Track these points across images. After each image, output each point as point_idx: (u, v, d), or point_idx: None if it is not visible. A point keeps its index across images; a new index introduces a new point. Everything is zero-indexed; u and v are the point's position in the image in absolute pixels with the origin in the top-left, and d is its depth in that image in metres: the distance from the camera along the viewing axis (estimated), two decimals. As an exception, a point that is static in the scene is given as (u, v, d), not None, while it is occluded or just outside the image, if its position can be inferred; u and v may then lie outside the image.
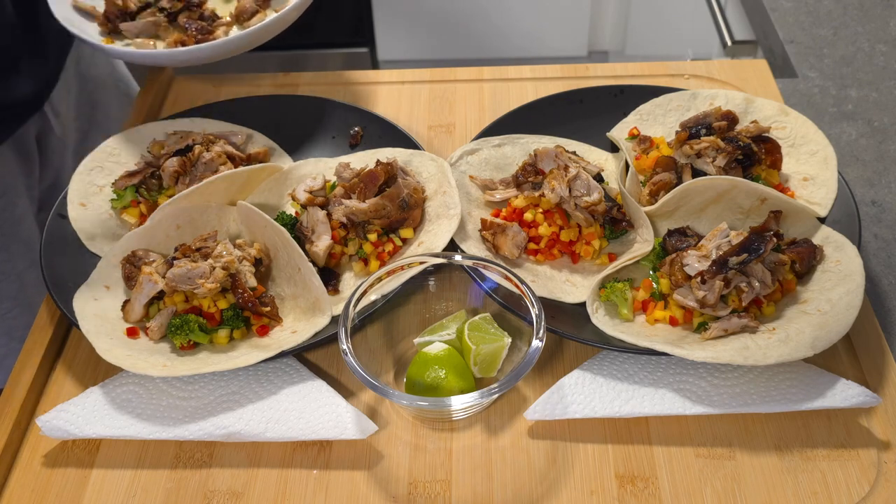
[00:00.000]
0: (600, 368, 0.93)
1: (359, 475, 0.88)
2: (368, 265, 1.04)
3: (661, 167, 1.08)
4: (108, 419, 0.91)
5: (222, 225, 1.08)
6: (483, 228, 1.06)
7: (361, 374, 0.85)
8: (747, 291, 0.93)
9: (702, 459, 0.88)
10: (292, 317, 1.00)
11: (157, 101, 1.33)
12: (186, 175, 1.09)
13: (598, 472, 0.87)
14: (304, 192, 1.07)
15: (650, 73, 1.33)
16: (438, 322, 0.97)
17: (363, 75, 1.37)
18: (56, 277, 1.01)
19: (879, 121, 1.29)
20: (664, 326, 0.96)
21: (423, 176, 1.10)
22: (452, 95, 1.32)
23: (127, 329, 0.97)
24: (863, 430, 0.89)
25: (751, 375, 0.92)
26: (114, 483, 0.88)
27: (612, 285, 0.98)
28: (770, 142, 1.08)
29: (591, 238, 1.04)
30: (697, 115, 1.12)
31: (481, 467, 0.88)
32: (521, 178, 1.08)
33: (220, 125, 1.22)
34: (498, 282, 0.95)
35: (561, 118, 1.20)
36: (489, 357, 0.93)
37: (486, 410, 0.93)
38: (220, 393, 0.93)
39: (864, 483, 0.85)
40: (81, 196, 1.11)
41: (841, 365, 0.95)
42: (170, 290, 0.96)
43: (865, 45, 1.43)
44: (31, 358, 0.98)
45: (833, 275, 0.96)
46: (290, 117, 1.23)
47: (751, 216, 1.04)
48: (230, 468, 0.89)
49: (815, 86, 1.35)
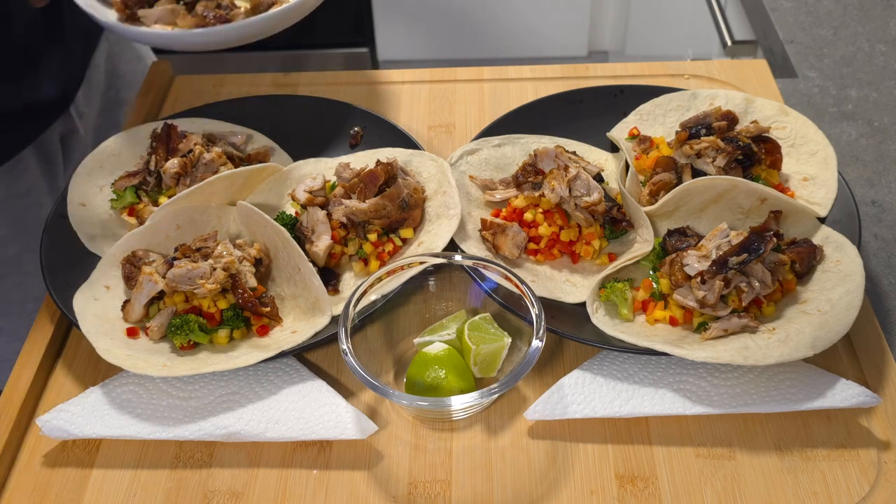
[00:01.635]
0: (600, 368, 0.93)
1: (359, 475, 0.88)
2: (368, 265, 1.04)
3: (661, 167, 1.08)
4: (108, 419, 0.91)
5: (222, 225, 1.08)
6: (483, 228, 1.06)
7: (361, 374, 0.85)
8: (747, 291, 0.93)
9: (702, 459, 0.88)
10: (292, 317, 1.00)
11: (157, 101, 1.33)
12: (187, 176, 1.09)
13: (598, 472, 0.87)
14: (304, 192, 1.07)
15: (650, 73, 1.33)
16: (438, 322, 0.97)
17: (363, 75, 1.37)
18: (56, 278, 1.01)
19: (879, 121, 1.29)
20: (664, 326, 0.96)
21: (423, 176, 1.10)
22: (452, 95, 1.32)
23: (127, 329, 0.97)
24: (863, 430, 0.89)
25: (751, 375, 0.92)
26: (114, 483, 0.88)
27: (612, 285, 0.98)
28: (770, 142, 1.08)
29: (591, 238, 1.04)
30: (697, 115, 1.12)
31: (481, 467, 0.88)
32: (521, 178, 1.08)
33: (220, 125, 1.22)
34: (498, 282, 0.95)
35: (561, 118, 1.20)
36: (489, 357, 0.93)
37: (486, 410, 0.93)
38: (220, 393, 0.93)
39: (864, 483, 0.85)
40: (81, 196, 1.11)
41: (841, 365, 0.95)
42: (170, 290, 0.96)
43: (865, 45, 1.43)
44: (31, 358, 0.98)
45: (833, 275, 0.96)
46: (290, 117, 1.23)
47: (751, 216, 1.04)
48: (230, 468, 0.89)
49: (815, 86, 1.35)
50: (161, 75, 1.36)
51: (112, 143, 1.18)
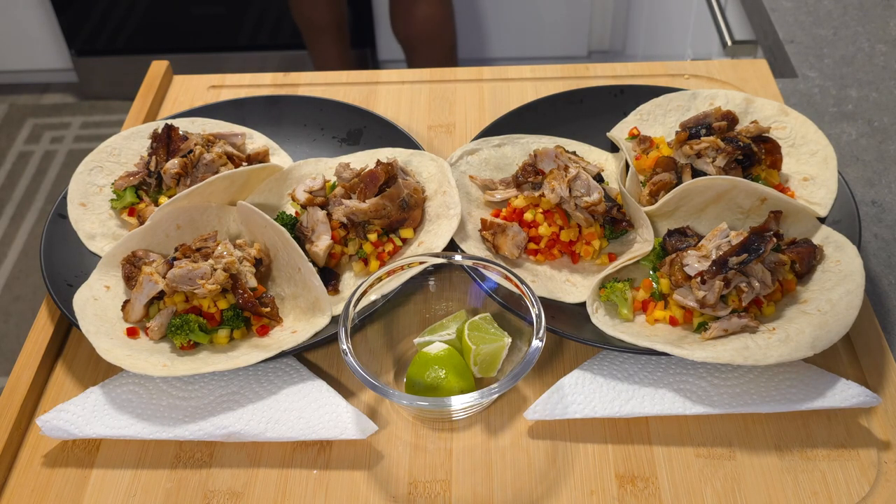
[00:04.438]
0: (600, 368, 0.93)
1: (359, 475, 0.88)
2: (368, 265, 1.04)
3: (661, 167, 1.08)
4: (108, 419, 0.91)
5: (222, 225, 1.08)
6: (483, 228, 1.05)
7: (361, 374, 0.85)
8: (747, 291, 0.93)
9: (702, 459, 0.88)
10: (292, 317, 1.00)
11: (157, 101, 1.33)
12: (187, 176, 1.09)
13: (598, 472, 0.87)
14: (304, 192, 1.07)
15: (650, 73, 1.33)
16: (438, 322, 0.97)
17: (363, 75, 1.37)
18: (56, 278, 1.01)
19: (879, 121, 1.29)
20: (664, 326, 0.96)
21: (423, 176, 1.10)
22: (452, 95, 1.32)
23: (127, 329, 0.97)
24: (863, 430, 0.89)
25: (751, 375, 0.92)
26: (114, 483, 0.88)
27: (612, 285, 0.98)
28: (770, 142, 1.08)
29: (591, 238, 1.04)
30: (697, 115, 1.12)
31: (481, 467, 0.88)
32: (521, 178, 1.08)
33: (220, 125, 1.22)
34: (498, 282, 0.95)
35: (561, 118, 1.20)
36: (489, 357, 0.93)
37: (486, 410, 0.93)
38: (220, 393, 0.93)
39: (864, 483, 0.85)
40: (81, 196, 1.11)
41: (841, 365, 0.95)
42: (170, 290, 0.96)
43: (865, 45, 1.43)
44: (31, 358, 0.98)
45: (833, 275, 0.96)
46: (290, 117, 1.23)
47: (751, 216, 1.04)
48: (230, 468, 0.89)
49: (815, 86, 1.35)
50: (161, 75, 1.36)
51: (112, 142, 1.18)
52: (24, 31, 3.17)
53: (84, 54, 3.18)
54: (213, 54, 3.11)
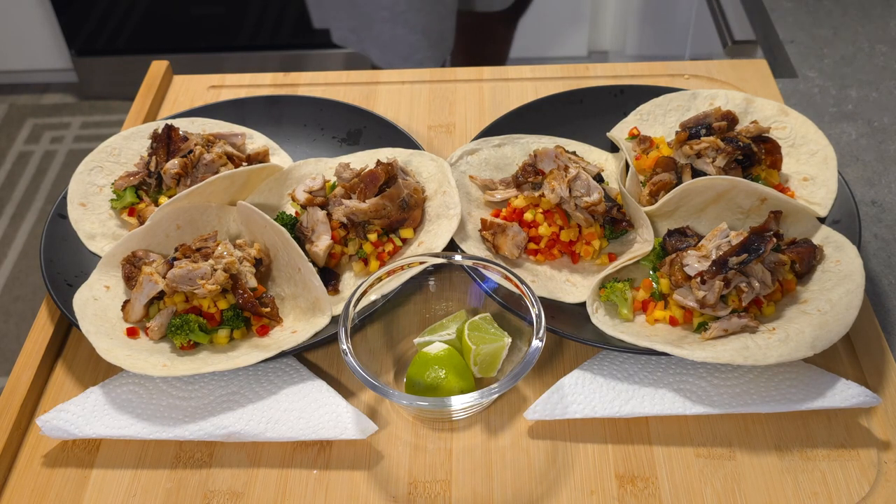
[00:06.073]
0: (600, 368, 0.93)
1: (359, 475, 0.88)
2: (368, 265, 1.04)
3: (661, 167, 1.08)
4: (108, 419, 0.91)
5: (222, 225, 1.08)
6: (483, 228, 1.05)
7: (361, 374, 0.85)
8: (747, 291, 0.93)
9: (702, 459, 0.88)
10: (292, 317, 1.00)
11: (157, 101, 1.33)
12: (187, 176, 1.09)
13: (598, 472, 0.87)
14: (304, 192, 1.07)
15: (650, 73, 1.33)
16: (438, 322, 0.97)
17: (363, 75, 1.37)
18: (56, 278, 1.01)
19: (879, 121, 1.29)
20: (664, 326, 0.96)
21: (423, 176, 1.10)
22: (452, 95, 1.32)
23: (127, 329, 0.97)
24: (863, 430, 0.89)
25: (751, 375, 0.92)
26: (114, 483, 0.88)
27: (612, 285, 0.98)
28: (770, 142, 1.08)
29: (591, 238, 1.04)
30: (697, 115, 1.12)
31: (481, 467, 0.88)
32: (521, 178, 1.08)
33: (220, 125, 1.22)
34: (498, 282, 0.95)
35: (561, 118, 1.20)
36: (489, 357, 0.93)
37: (486, 410, 0.93)
38: (220, 393, 0.93)
39: (864, 483, 0.85)
40: (81, 196, 1.11)
41: (841, 365, 0.95)
42: (170, 290, 0.96)
43: (865, 45, 1.43)
44: (31, 358, 0.98)
45: (833, 275, 0.96)
46: (290, 117, 1.23)
47: (751, 216, 1.04)
48: (230, 468, 0.89)
49: (815, 86, 1.35)
50: (160, 75, 1.36)
51: (112, 142, 1.18)
52: (24, 31, 3.17)
53: (84, 54, 3.18)
54: (213, 54, 3.11)
